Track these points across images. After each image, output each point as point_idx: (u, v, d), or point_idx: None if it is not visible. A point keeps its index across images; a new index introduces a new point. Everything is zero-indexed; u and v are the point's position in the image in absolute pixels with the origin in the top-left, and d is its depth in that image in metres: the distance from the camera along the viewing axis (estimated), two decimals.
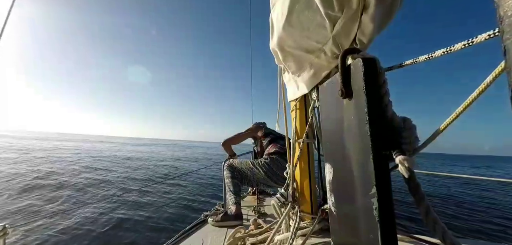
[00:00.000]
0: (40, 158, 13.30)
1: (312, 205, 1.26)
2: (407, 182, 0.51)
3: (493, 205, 6.27)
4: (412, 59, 0.56)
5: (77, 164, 11.82)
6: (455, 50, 0.44)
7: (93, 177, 9.04)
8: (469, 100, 0.42)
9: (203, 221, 2.12)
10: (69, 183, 7.54)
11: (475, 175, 2.15)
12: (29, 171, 8.86)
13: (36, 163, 11.27)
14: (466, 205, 5.95)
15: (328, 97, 0.76)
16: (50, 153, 15.91)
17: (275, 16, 1.07)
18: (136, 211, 5.46)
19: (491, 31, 0.37)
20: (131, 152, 21.97)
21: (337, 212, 0.75)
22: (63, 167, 10.80)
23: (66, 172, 9.42)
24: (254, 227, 1.63)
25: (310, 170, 1.27)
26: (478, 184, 8.50)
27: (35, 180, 7.53)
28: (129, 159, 16.52)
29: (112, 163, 13.62)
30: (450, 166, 25.19)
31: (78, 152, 18.56)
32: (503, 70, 0.34)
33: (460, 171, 17.70)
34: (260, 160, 2.17)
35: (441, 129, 0.50)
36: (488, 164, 40.72)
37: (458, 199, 6.65)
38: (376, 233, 0.51)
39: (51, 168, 10.02)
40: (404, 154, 0.50)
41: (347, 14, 0.65)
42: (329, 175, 0.78)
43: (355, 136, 0.60)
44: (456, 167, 23.03)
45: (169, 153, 26.60)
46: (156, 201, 6.38)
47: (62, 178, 8.10)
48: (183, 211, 5.70)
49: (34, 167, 10.03)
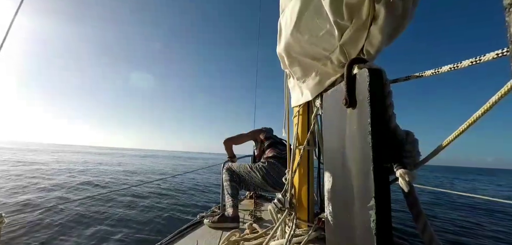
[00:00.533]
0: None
1: (309, 212, 1.25)
2: (406, 197, 0.51)
3: (492, 223, 6.18)
4: (418, 73, 0.56)
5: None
6: (462, 67, 0.44)
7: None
8: (473, 118, 0.41)
9: (199, 222, 2.11)
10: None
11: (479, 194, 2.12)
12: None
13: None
14: (466, 223, 5.88)
15: (332, 105, 0.76)
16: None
17: (284, 21, 1.08)
18: (130, 210, 5.45)
19: (500, 50, 0.37)
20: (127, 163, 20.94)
21: (334, 221, 0.74)
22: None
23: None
24: (250, 231, 1.62)
25: (309, 177, 1.26)
26: (479, 202, 8.38)
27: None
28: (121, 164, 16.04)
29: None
30: (453, 179, 24.74)
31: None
32: (510, 90, 0.34)
33: (462, 185, 17.40)
34: (258, 164, 2.16)
35: (444, 146, 0.49)
36: (492, 177, 39.73)
37: (458, 215, 6.56)
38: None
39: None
40: (405, 167, 0.50)
41: (356, 24, 0.65)
42: (328, 183, 0.77)
43: (357, 146, 0.60)
44: (459, 181, 22.66)
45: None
46: (151, 201, 6.38)
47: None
48: (179, 211, 5.67)
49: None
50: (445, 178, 22.71)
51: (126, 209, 5.53)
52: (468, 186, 17.97)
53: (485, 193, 12.76)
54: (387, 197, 0.53)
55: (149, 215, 5.21)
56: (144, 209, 5.63)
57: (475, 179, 28.15)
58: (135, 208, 5.65)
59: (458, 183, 19.84)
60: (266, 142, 2.36)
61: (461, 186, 16.41)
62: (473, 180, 25.52)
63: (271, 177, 2.07)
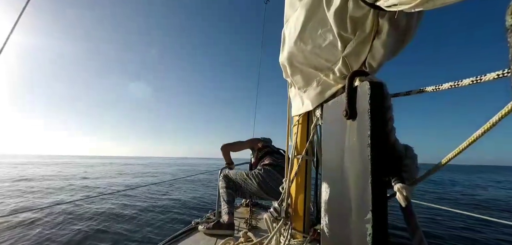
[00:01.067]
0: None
1: (304, 223, 1.24)
2: (403, 211, 0.50)
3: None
4: (419, 89, 0.56)
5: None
6: (462, 85, 0.44)
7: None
8: (473, 138, 0.41)
9: (194, 228, 2.09)
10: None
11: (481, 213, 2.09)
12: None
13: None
14: (463, 241, 5.80)
15: (332, 116, 0.76)
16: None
17: (288, 31, 1.09)
18: (124, 214, 5.37)
19: (501, 71, 0.37)
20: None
21: (330, 233, 0.74)
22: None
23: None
24: (244, 240, 1.60)
25: (306, 187, 1.26)
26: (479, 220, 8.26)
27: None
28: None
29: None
30: (454, 177, 24.25)
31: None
32: (511, 111, 0.34)
33: (462, 184, 17.14)
34: (254, 171, 2.14)
35: (443, 163, 0.49)
36: (493, 174, 38.87)
37: (456, 230, 6.49)
38: None
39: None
40: (404, 182, 0.49)
41: (359, 37, 0.65)
42: (326, 194, 0.77)
43: (356, 159, 0.60)
44: (459, 179, 22.28)
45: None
46: (146, 206, 6.29)
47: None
48: (174, 216, 5.60)
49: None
50: (447, 178, 22.30)
51: (120, 214, 5.47)
52: (469, 184, 17.68)
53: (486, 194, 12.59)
54: (384, 211, 0.52)
55: (142, 221, 5.15)
56: (138, 214, 5.57)
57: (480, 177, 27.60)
58: (129, 214, 5.58)
59: (461, 181, 19.56)
60: (263, 150, 2.35)
61: (462, 185, 16.18)
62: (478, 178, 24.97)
63: (267, 184, 2.05)
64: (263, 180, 2.05)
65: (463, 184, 17.39)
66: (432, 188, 13.46)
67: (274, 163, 2.14)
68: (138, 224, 5.00)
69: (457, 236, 6.00)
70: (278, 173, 2.05)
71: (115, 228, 4.65)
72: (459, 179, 21.17)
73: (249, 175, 2.12)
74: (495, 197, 11.13)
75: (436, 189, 13.31)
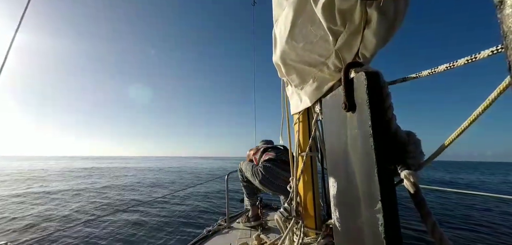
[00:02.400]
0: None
1: (316, 220, 1.23)
2: (413, 197, 0.50)
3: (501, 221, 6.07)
4: (415, 74, 0.56)
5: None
6: (458, 65, 0.44)
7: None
8: (474, 116, 0.41)
9: (206, 236, 2.10)
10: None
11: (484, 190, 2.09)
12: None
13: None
14: (473, 221, 5.78)
15: (331, 110, 0.76)
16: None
17: (278, 30, 1.09)
18: (133, 227, 5.40)
19: (495, 47, 0.37)
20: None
21: (342, 227, 0.73)
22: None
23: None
24: (258, 243, 1.60)
25: (313, 184, 1.25)
26: (486, 199, 8.25)
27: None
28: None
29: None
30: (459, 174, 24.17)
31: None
32: (508, 86, 0.34)
33: (466, 180, 17.06)
34: (255, 168, 2.20)
35: (446, 145, 0.49)
36: (492, 171, 39.03)
37: (465, 214, 6.47)
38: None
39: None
40: (409, 168, 0.49)
41: (349, 29, 0.65)
42: (333, 189, 0.77)
43: (359, 150, 0.59)
44: (463, 176, 22.18)
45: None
46: (156, 216, 6.31)
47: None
48: (185, 226, 5.62)
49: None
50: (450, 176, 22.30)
51: (134, 225, 5.50)
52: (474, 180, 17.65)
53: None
54: (393, 199, 0.52)
55: (155, 229, 5.18)
56: (152, 223, 5.59)
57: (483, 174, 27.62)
58: (141, 224, 5.61)
59: (465, 177, 19.50)
60: (261, 150, 2.38)
61: (464, 184, 16.15)
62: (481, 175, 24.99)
63: (267, 179, 2.10)
64: (263, 177, 2.12)
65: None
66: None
67: (272, 158, 2.17)
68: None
69: (470, 217, 5.96)
70: (277, 167, 2.10)
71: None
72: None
73: (253, 172, 2.19)
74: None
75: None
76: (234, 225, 2.38)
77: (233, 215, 2.68)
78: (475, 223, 5.61)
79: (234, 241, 1.92)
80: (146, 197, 9.78)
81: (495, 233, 5.12)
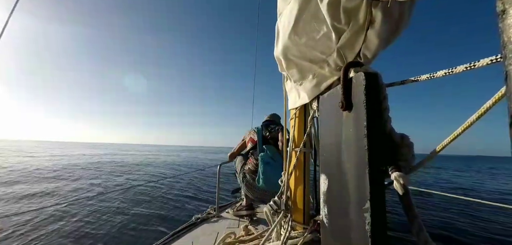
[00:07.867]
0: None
1: (304, 214, 1.25)
2: (401, 199, 0.51)
3: (488, 226, 6.21)
4: (413, 77, 0.56)
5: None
6: (457, 72, 0.44)
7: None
8: (468, 123, 0.42)
9: (194, 223, 2.11)
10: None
11: (474, 197, 2.15)
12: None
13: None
14: (461, 225, 5.91)
15: (328, 108, 0.77)
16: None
17: (282, 24, 1.08)
18: (125, 210, 5.38)
19: (494, 56, 0.37)
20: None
21: (329, 224, 0.75)
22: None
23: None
24: (245, 233, 1.61)
25: (305, 179, 1.26)
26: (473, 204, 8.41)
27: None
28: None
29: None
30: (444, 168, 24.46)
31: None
32: (504, 96, 0.34)
33: (453, 177, 17.33)
34: (241, 177, 2.26)
35: (438, 151, 0.50)
36: (490, 166, 39.29)
37: (452, 217, 6.61)
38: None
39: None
40: (400, 170, 0.50)
41: (353, 28, 0.65)
42: (324, 186, 0.78)
43: (353, 149, 0.60)
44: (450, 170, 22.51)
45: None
46: (147, 201, 6.30)
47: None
48: (174, 212, 5.62)
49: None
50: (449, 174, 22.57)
51: (119, 209, 5.48)
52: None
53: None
54: (382, 200, 0.53)
55: (143, 216, 5.16)
56: (139, 210, 5.58)
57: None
58: (129, 208, 5.59)
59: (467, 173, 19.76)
60: (249, 146, 2.38)
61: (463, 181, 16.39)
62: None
63: (249, 192, 2.21)
64: (247, 192, 2.26)
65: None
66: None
67: (252, 169, 2.22)
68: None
69: (451, 221, 6.09)
70: (253, 181, 2.14)
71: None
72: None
73: (241, 180, 2.28)
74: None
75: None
76: (223, 215, 2.40)
77: (223, 205, 2.70)
78: (461, 228, 5.73)
79: (222, 230, 1.94)
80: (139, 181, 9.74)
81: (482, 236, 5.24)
